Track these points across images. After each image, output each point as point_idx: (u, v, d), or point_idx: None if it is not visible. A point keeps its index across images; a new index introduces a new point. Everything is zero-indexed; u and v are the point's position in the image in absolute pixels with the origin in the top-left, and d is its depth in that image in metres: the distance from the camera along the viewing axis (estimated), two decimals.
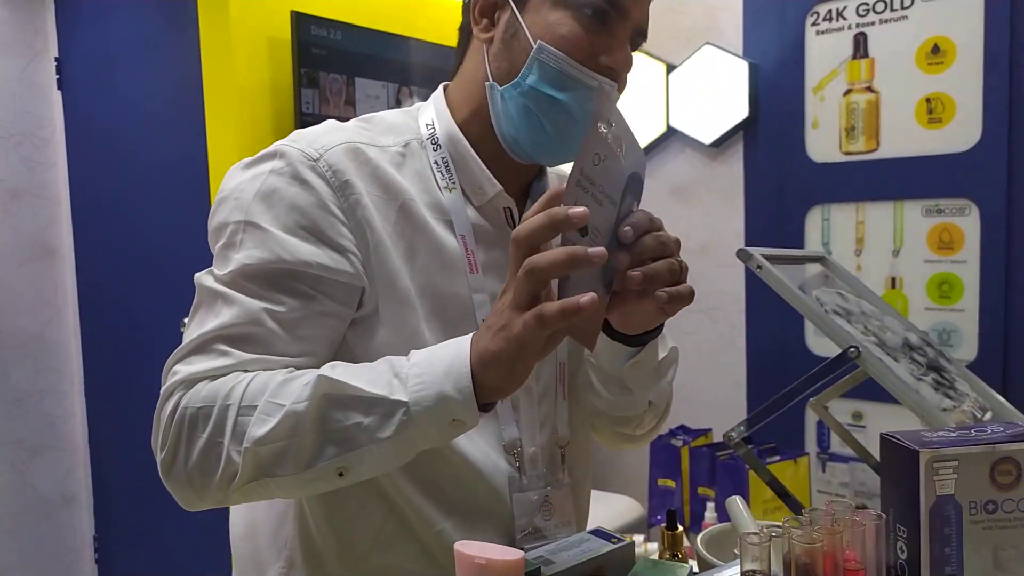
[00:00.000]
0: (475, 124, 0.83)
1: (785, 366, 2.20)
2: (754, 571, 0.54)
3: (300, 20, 2.02)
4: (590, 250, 0.60)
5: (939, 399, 0.86)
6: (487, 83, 0.80)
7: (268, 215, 0.75)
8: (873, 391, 0.98)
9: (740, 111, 2.31)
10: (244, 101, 1.98)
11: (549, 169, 0.91)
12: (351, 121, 0.84)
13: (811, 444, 2.28)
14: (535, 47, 0.76)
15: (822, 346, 2.17)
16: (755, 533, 0.54)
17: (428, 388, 0.66)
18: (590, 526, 0.81)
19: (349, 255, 0.76)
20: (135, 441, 1.47)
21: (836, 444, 2.24)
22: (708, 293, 2.52)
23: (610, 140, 0.63)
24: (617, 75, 0.79)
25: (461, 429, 0.68)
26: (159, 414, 0.73)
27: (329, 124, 0.82)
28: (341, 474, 0.69)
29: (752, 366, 2.34)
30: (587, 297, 0.60)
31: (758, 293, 2.29)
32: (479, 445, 0.80)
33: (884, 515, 0.59)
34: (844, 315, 0.94)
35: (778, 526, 0.56)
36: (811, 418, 2.27)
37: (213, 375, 0.72)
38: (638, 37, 0.82)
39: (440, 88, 0.88)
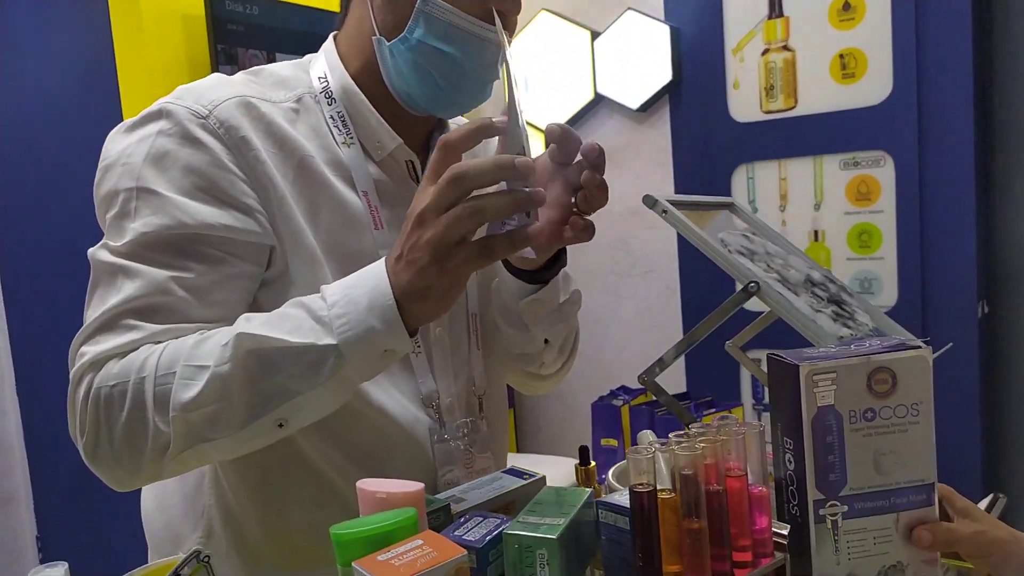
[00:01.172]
0: (368, 76, 0.82)
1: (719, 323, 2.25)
2: (640, 484, 0.56)
3: None
4: (517, 160, 0.61)
5: (837, 328, 0.90)
6: (373, 37, 0.79)
7: (162, 179, 0.72)
8: (792, 338, 1.01)
9: (664, 75, 2.34)
10: (160, 80, 1.93)
11: (450, 120, 0.91)
12: (238, 74, 0.82)
13: (747, 396, 2.36)
14: None
15: (754, 302, 2.22)
16: (640, 447, 0.56)
17: (355, 327, 0.66)
18: None
19: (255, 214, 0.74)
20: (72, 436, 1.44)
21: None
22: (642, 256, 2.56)
23: (510, 62, 0.65)
24: (506, 19, 0.78)
25: (393, 358, 0.69)
26: (72, 400, 0.72)
27: (215, 78, 0.80)
28: (281, 425, 0.69)
29: (688, 325, 2.40)
30: (535, 227, 0.63)
31: (690, 254, 2.34)
32: (397, 399, 0.81)
33: (763, 425, 0.61)
34: (748, 255, 0.97)
35: (665, 440, 0.58)
36: (747, 371, 2.34)
37: (122, 351, 0.70)
38: None
39: (330, 38, 0.86)
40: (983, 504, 1.11)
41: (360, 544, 0.52)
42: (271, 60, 2.06)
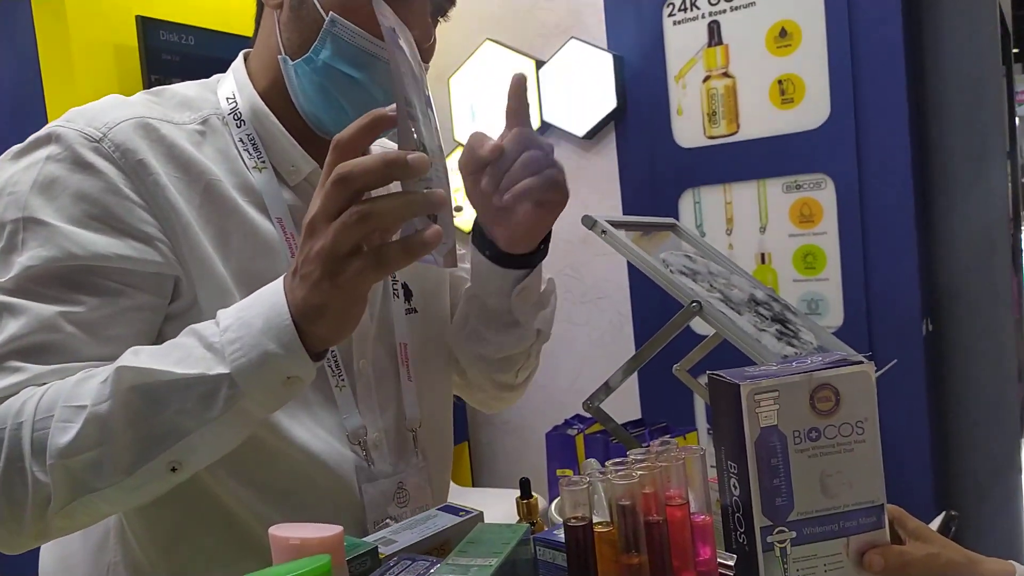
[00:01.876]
0: (277, 96, 0.77)
1: (672, 349, 2.24)
2: (575, 517, 0.52)
3: (147, 25, 1.93)
4: (410, 156, 0.55)
5: (782, 347, 0.88)
6: (280, 56, 0.75)
7: (50, 208, 0.67)
8: (743, 361, 0.99)
9: (609, 102, 2.35)
10: None
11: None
12: (137, 95, 0.77)
13: (701, 421, 2.34)
14: (327, 19, 0.71)
15: (703, 326, 2.22)
16: (575, 478, 0.53)
17: (249, 352, 0.59)
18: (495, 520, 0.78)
19: (155, 243, 0.69)
20: None
21: None
22: (594, 283, 2.55)
23: (404, 47, 0.60)
24: (421, 48, 0.74)
25: (299, 386, 0.62)
26: None
27: (111, 99, 0.75)
28: (174, 469, 0.61)
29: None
30: (431, 231, 0.56)
31: (641, 280, 2.33)
32: (321, 436, 0.76)
33: (704, 449, 0.59)
34: (690, 275, 0.95)
35: (603, 469, 0.55)
36: (700, 397, 2.33)
37: (2, 396, 0.63)
38: (446, 3, 0.79)
39: (240, 56, 0.82)
40: (936, 523, 1.10)
41: None
42: None
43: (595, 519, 0.53)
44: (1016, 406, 2.06)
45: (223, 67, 0.84)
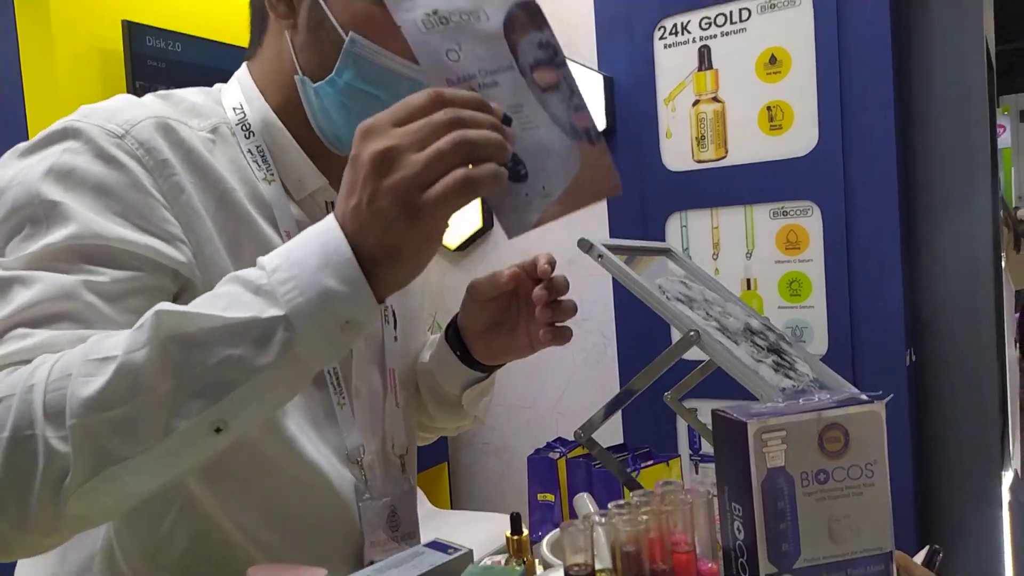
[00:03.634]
0: (290, 113, 0.76)
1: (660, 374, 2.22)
2: (577, 565, 0.49)
3: (133, 30, 1.89)
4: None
5: (779, 379, 0.86)
6: (297, 76, 0.73)
7: (69, 195, 0.62)
8: (732, 388, 0.98)
9: (599, 122, 2.34)
10: None
11: None
12: (147, 96, 0.74)
13: (684, 447, 2.32)
14: (348, 40, 0.69)
15: (694, 351, 2.21)
16: (576, 522, 0.50)
17: (306, 290, 0.53)
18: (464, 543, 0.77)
19: (178, 243, 0.65)
20: None
21: (708, 445, 2.29)
22: (579, 305, 2.53)
23: (451, 22, 0.57)
24: None
25: (356, 332, 0.55)
26: None
27: (124, 98, 0.71)
28: (219, 429, 0.53)
29: (624, 374, 2.36)
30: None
31: (626, 302, 2.31)
32: (325, 454, 0.74)
33: (712, 492, 0.56)
34: (687, 302, 0.93)
35: (606, 512, 0.52)
36: (684, 421, 2.31)
37: (12, 361, 0.55)
38: None
39: (243, 67, 0.80)
40: (919, 557, 1.08)
41: None
42: None
43: (597, 566, 0.50)
44: (997, 439, 2.07)
45: (210, 75, 0.81)
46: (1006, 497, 2.15)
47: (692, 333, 0.84)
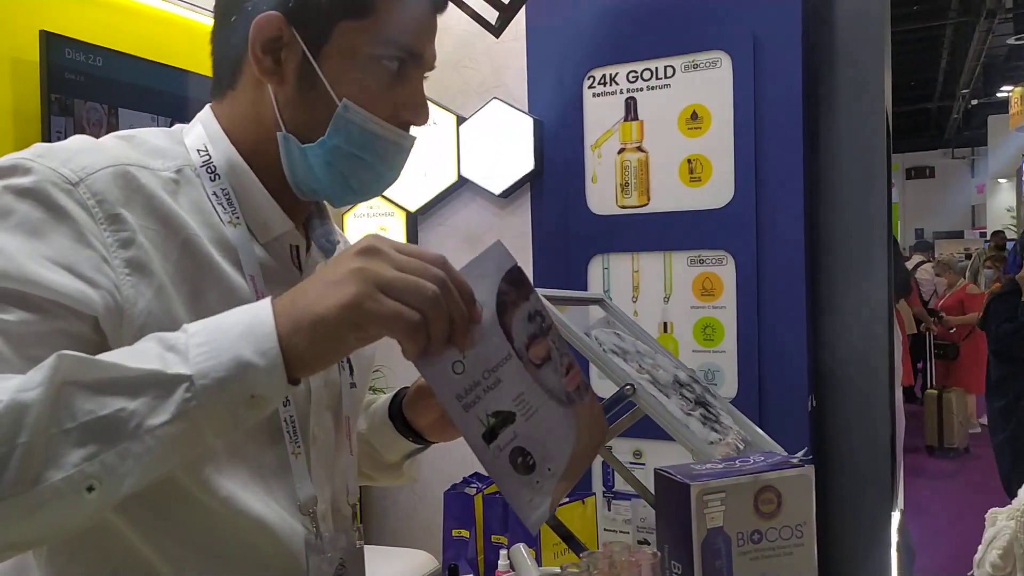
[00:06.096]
0: (259, 158, 0.75)
1: None
2: None
3: (51, 41, 1.81)
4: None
5: (707, 433, 0.90)
6: (280, 133, 0.73)
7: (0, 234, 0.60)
8: (650, 429, 1.02)
9: (526, 164, 2.39)
10: None
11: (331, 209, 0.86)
12: (107, 137, 0.72)
13: (598, 484, 2.36)
14: (341, 106, 0.71)
15: (604, 388, 2.27)
16: None
17: (219, 354, 0.53)
18: None
19: (106, 293, 0.62)
20: None
21: (620, 483, 2.33)
22: None
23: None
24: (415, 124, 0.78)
25: (259, 411, 0.55)
26: None
27: (82, 140, 0.69)
28: (91, 488, 0.50)
29: None
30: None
31: None
32: (273, 507, 0.71)
33: (659, 552, 0.58)
34: (621, 354, 0.96)
35: (558, 573, 0.53)
36: (597, 459, 2.35)
37: None
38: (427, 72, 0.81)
39: (208, 109, 0.78)
40: None
41: None
42: (112, 115, 1.90)
43: None
44: (888, 481, 2.20)
45: (130, 92, 0.80)
46: (894, 538, 2.29)
47: (628, 387, 0.87)
